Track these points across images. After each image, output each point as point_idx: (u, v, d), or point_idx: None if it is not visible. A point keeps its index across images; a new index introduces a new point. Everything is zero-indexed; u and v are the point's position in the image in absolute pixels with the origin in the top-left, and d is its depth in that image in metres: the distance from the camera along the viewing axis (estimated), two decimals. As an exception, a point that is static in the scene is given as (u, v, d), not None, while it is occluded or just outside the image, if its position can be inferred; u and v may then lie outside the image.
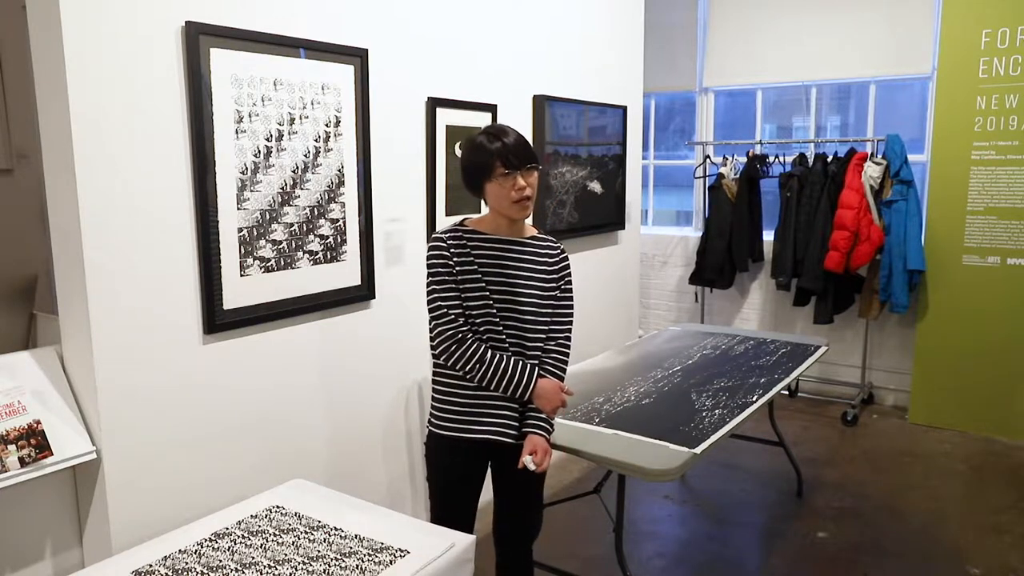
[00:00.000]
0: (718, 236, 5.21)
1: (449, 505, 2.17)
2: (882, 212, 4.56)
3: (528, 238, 2.15)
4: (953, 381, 4.49)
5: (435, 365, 2.13)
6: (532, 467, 2.03)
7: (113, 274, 1.93)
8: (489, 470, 2.21)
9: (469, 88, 3.13)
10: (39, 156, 1.97)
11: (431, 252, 2.06)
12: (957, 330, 4.46)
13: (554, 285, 2.14)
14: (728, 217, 5.18)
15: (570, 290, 2.20)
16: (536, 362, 2.11)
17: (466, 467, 2.14)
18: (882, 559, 3.05)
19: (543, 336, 2.13)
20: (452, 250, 2.04)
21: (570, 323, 2.20)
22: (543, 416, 2.10)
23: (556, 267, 2.16)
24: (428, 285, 2.06)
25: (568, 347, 2.19)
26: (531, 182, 2.02)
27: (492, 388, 2.04)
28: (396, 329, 2.84)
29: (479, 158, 2.01)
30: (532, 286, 2.09)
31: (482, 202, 2.12)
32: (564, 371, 2.16)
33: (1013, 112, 4.20)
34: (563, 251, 2.20)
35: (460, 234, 2.07)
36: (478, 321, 2.04)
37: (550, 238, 2.21)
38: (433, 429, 2.14)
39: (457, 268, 2.03)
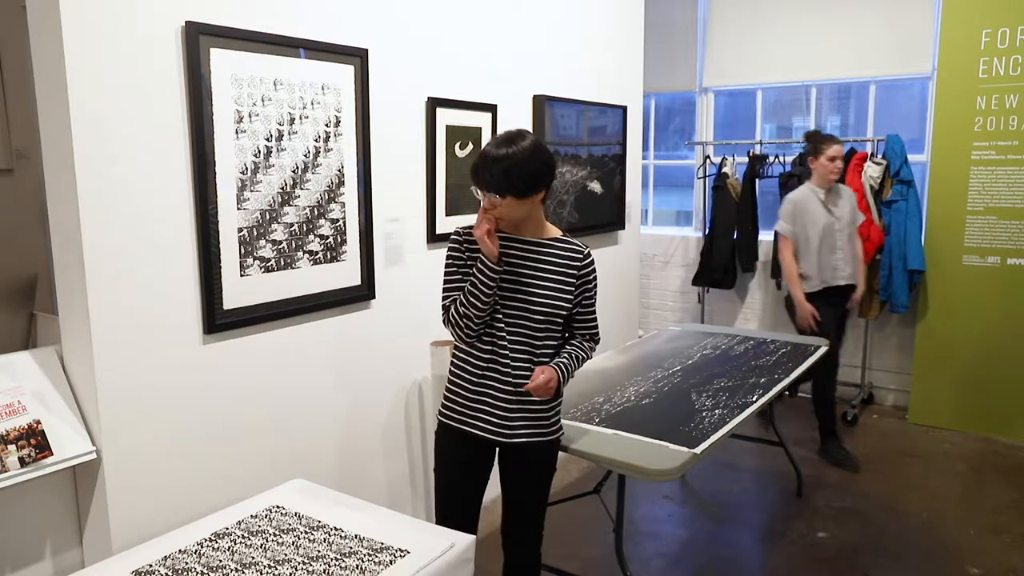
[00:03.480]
0: (723, 236, 5.21)
1: (452, 497, 2.18)
2: (882, 212, 4.57)
3: (549, 239, 2.11)
4: (953, 381, 4.49)
5: (451, 354, 2.18)
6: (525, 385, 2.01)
7: (113, 274, 1.93)
8: (497, 468, 2.22)
9: (469, 88, 3.13)
10: (39, 156, 1.97)
11: (448, 248, 2.14)
12: (957, 330, 4.46)
13: (572, 288, 2.09)
14: (732, 217, 5.18)
15: (593, 294, 2.14)
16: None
17: (468, 458, 2.15)
18: (882, 559, 3.05)
19: (555, 340, 2.11)
20: (465, 246, 2.09)
21: (595, 320, 2.17)
22: (563, 361, 2.09)
23: (579, 271, 2.10)
24: (443, 277, 2.14)
25: (584, 349, 2.16)
26: (501, 204, 1.96)
27: (475, 315, 2.01)
28: (396, 329, 2.84)
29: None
30: (545, 287, 2.07)
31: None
32: (568, 367, 2.09)
33: (1013, 112, 4.20)
34: (589, 255, 2.13)
35: None
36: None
37: (575, 241, 2.14)
38: (440, 418, 2.18)
39: (470, 263, 2.07)
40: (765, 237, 5.26)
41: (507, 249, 2.08)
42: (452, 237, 2.13)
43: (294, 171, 2.37)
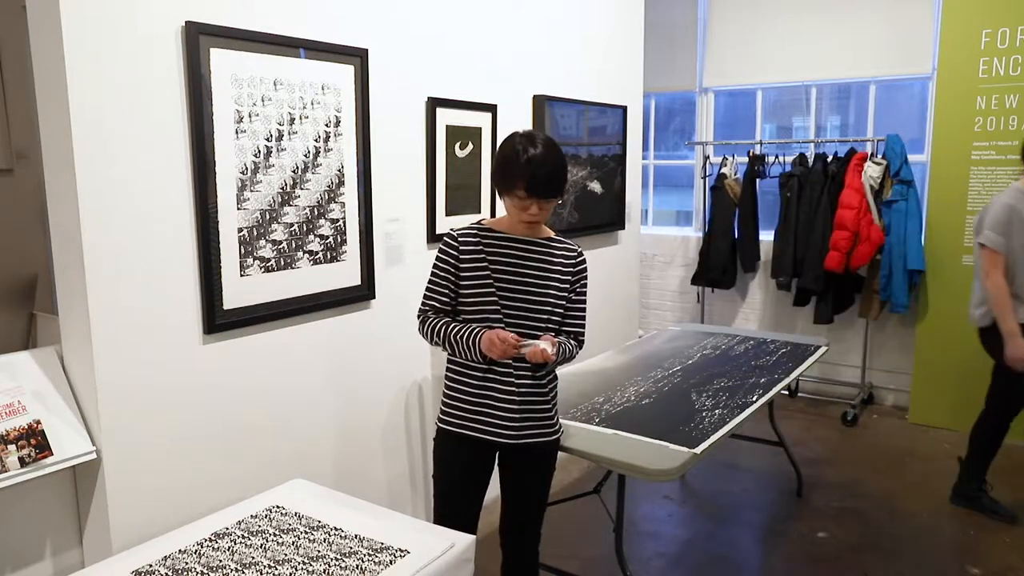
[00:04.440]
0: (721, 236, 5.21)
1: (452, 502, 2.17)
2: (882, 212, 4.57)
3: (545, 239, 2.13)
4: (953, 381, 4.48)
5: (447, 361, 2.15)
6: (526, 349, 1.97)
7: (113, 274, 1.93)
8: (497, 469, 2.22)
9: (469, 88, 3.13)
10: (39, 156, 1.97)
11: (440, 246, 2.11)
12: (957, 330, 4.45)
13: (568, 288, 2.12)
14: (731, 217, 5.18)
15: (584, 294, 2.18)
16: (478, 327, 2.03)
17: (470, 464, 2.14)
18: (882, 559, 3.05)
19: None
20: (462, 248, 2.06)
21: (582, 322, 2.19)
22: (568, 347, 2.12)
23: (574, 270, 2.14)
24: (429, 274, 2.13)
25: (570, 346, 2.16)
26: (547, 207, 2.03)
27: (452, 353, 2.08)
28: (396, 329, 2.84)
29: (507, 168, 1.98)
30: (547, 287, 2.08)
31: (492, 201, 2.12)
32: (563, 348, 2.10)
33: (1013, 112, 4.20)
34: (581, 254, 2.18)
35: (475, 232, 2.09)
36: (477, 319, 2.04)
37: (569, 242, 2.18)
38: (440, 424, 2.16)
39: (464, 267, 2.05)
40: (765, 237, 5.26)
41: (511, 249, 2.08)
42: (445, 239, 2.10)
43: (294, 171, 2.37)
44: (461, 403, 2.11)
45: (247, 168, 2.22)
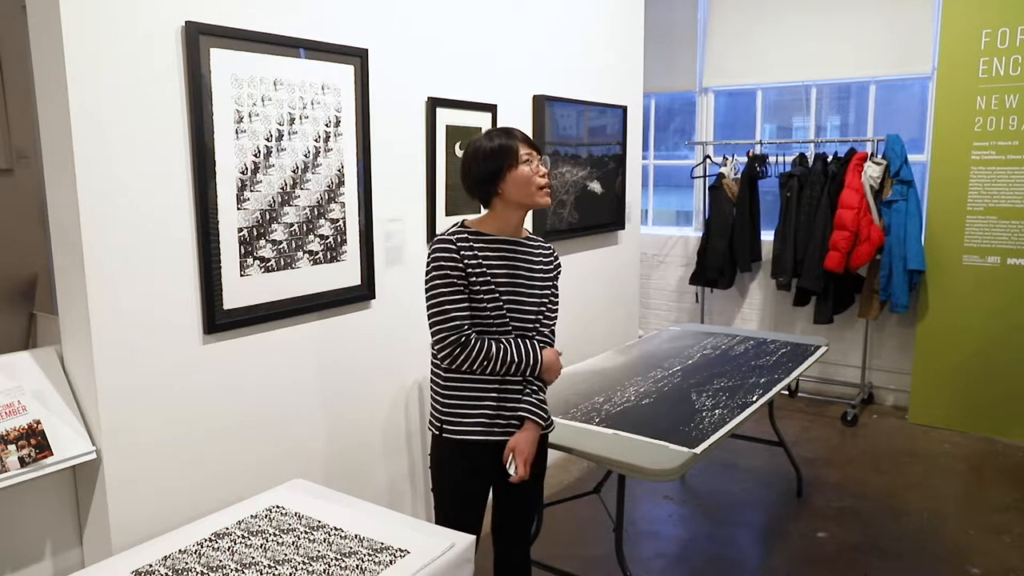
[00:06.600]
0: (719, 236, 5.22)
1: (458, 507, 2.13)
2: (882, 212, 4.57)
3: (527, 238, 2.15)
4: (953, 381, 4.49)
5: (435, 367, 2.11)
6: (511, 472, 2.02)
7: (113, 274, 1.93)
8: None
9: (469, 88, 3.13)
10: (39, 156, 1.97)
11: (439, 254, 1.98)
12: (957, 330, 4.46)
13: (549, 283, 2.16)
14: (729, 217, 5.18)
15: (558, 294, 2.23)
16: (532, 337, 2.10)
17: (479, 469, 2.11)
18: (882, 559, 3.05)
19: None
20: (462, 251, 1.99)
21: (556, 319, 2.23)
22: (537, 401, 2.08)
23: (552, 267, 2.19)
24: (432, 288, 1.98)
25: (551, 342, 2.20)
26: (547, 172, 2.08)
27: (503, 375, 2.04)
28: (396, 329, 2.84)
29: (501, 150, 2.00)
30: (535, 285, 2.10)
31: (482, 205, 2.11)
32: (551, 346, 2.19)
33: (1013, 112, 4.21)
34: (555, 252, 2.23)
35: (466, 235, 2.04)
36: (496, 321, 2.02)
37: (542, 240, 2.22)
38: (443, 435, 2.07)
39: (468, 270, 1.99)
40: (766, 237, 5.26)
41: (501, 249, 2.06)
42: (443, 247, 1.99)
43: (294, 171, 2.37)
44: (465, 409, 2.06)
45: (247, 168, 2.22)
